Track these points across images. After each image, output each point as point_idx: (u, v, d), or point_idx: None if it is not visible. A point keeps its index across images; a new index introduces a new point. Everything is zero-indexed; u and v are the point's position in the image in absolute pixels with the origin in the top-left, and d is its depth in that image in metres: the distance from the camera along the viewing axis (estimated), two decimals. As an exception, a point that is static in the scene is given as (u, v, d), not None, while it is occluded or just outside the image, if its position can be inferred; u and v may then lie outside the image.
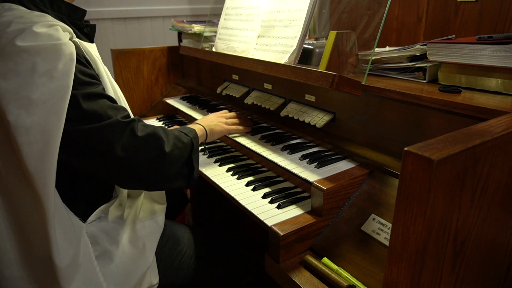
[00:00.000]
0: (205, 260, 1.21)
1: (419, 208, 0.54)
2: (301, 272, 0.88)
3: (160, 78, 2.05)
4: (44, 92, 0.76)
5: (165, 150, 0.94)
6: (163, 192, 1.17)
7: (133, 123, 0.89)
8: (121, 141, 0.86)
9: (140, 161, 0.89)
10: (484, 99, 0.88)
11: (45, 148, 0.77)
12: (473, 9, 1.32)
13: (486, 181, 0.63)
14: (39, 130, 0.76)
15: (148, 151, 0.91)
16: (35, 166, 0.77)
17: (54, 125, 0.76)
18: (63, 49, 0.79)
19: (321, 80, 1.02)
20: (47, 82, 0.76)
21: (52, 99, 0.76)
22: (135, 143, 0.88)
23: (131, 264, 0.98)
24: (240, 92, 1.54)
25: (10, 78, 0.75)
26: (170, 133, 0.99)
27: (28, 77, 0.75)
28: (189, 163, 1.02)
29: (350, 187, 0.99)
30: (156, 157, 0.92)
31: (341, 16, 1.55)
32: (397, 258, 0.58)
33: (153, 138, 0.92)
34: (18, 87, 0.75)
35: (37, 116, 0.75)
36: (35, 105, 0.75)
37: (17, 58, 0.75)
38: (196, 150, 1.05)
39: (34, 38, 0.77)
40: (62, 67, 0.77)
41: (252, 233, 1.69)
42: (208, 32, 1.83)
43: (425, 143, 0.55)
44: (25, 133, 0.75)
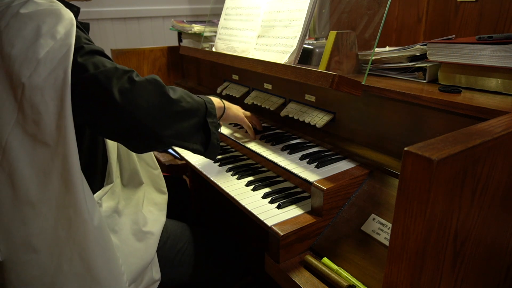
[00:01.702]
0: (205, 258, 1.21)
1: (419, 208, 0.54)
2: (301, 272, 0.88)
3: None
4: (50, 52, 0.79)
5: (169, 96, 0.91)
6: (163, 182, 1.17)
7: (132, 72, 0.89)
8: (118, 85, 0.85)
9: (142, 107, 0.86)
10: (484, 99, 0.88)
11: (61, 104, 0.79)
12: (473, 9, 1.32)
13: (486, 181, 0.63)
14: (52, 87, 0.79)
15: (149, 95, 0.88)
16: (55, 123, 0.79)
17: (63, 80, 0.79)
18: (63, 13, 0.83)
19: (321, 80, 1.02)
20: (51, 42, 0.80)
21: (58, 57, 0.79)
22: (133, 88, 0.86)
23: (133, 256, 0.98)
24: (240, 92, 1.54)
25: (17, 43, 0.79)
26: (177, 88, 0.98)
27: (33, 39, 0.79)
28: (205, 126, 0.99)
29: (350, 187, 0.99)
30: (161, 102, 0.89)
31: (341, 16, 1.55)
32: (397, 258, 0.58)
33: (154, 83, 0.90)
34: (26, 50, 0.78)
35: (47, 74, 0.79)
36: (43, 64, 0.78)
37: (21, 24, 0.79)
38: (211, 114, 1.01)
39: (36, 5, 0.81)
40: (63, 30, 0.81)
41: (252, 233, 1.69)
42: (208, 32, 1.83)
43: (425, 143, 0.55)
44: (40, 92, 0.78)
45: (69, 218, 0.83)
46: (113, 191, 1.03)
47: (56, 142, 0.80)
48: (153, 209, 1.11)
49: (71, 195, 0.82)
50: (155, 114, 0.88)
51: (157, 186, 1.17)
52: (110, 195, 1.02)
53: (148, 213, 1.08)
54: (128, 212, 1.04)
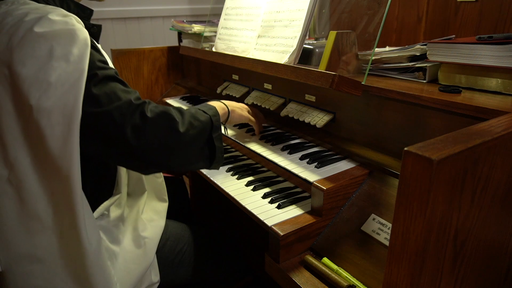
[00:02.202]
0: (205, 259, 1.21)
1: (419, 208, 0.54)
2: (301, 272, 0.88)
3: (160, 78, 2.05)
4: (62, 75, 0.78)
5: (179, 130, 0.91)
6: (165, 191, 1.17)
7: (143, 105, 0.88)
8: (131, 122, 0.85)
9: (152, 144, 0.87)
10: (484, 99, 0.88)
11: (67, 130, 0.78)
12: (473, 9, 1.32)
13: (486, 181, 0.63)
14: (60, 111, 0.78)
15: (160, 132, 0.88)
16: (59, 148, 0.78)
17: (73, 106, 0.78)
18: (77, 34, 0.81)
19: (321, 80, 1.02)
20: (64, 65, 0.78)
21: (69, 81, 0.78)
22: (145, 125, 0.86)
23: (133, 262, 0.98)
24: (240, 92, 1.54)
25: (29, 64, 0.77)
26: (185, 112, 0.97)
27: (46, 61, 0.78)
28: (210, 142, 1.00)
29: (350, 187, 0.99)
30: (169, 138, 0.90)
31: (341, 16, 1.55)
32: (397, 258, 0.58)
33: (165, 118, 0.90)
34: (37, 71, 0.77)
35: (57, 98, 0.77)
36: (54, 88, 0.77)
37: (34, 44, 0.78)
38: (216, 128, 1.01)
39: (51, 24, 0.80)
40: (77, 51, 0.80)
41: (252, 233, 1.69)
42: (208, 32, 1.83)
43: (425, 143, 0.55)
44: (47, 115, 0.77)
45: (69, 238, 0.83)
46: (120, 200, 1.04)
47: (59, 166, 0.79)
48: (153, 215, 1.10)
49: (72, 218, 0.81)
50: (165, 151, 0.90)
51: (159, 194, 1.16)
52: (117, 204, 1.03)
53: (148, 220, 1.08)
54: (130, 219, 1.05)
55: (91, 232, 0.84)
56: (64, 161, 0.79)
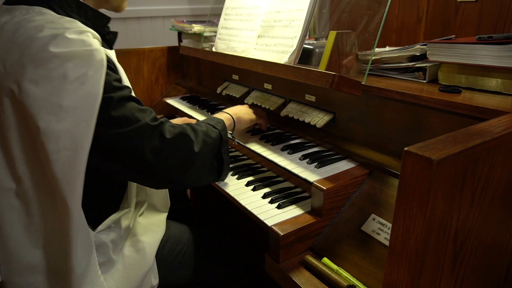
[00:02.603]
0: (205, 260, 1.21)
1: (419, 208, 0.54)
2: (301, 272, 0.88)
3: (160, 78, 2.05)
4: (75, 99, 0.75)
5: (194, 151, 0.93)
6: (167, 197, 1.17)
7: (161, 125, 0.89)
8: (150, 145, 0.85)
9: (170, 164, 0.89)
10: (484, 99, 0.88)
11: (74, 156, 0.76)
12: (473, 9, 1.32)
13: (486, 181, 0.63)
14: (69, 137, 0.75)
15: (177, 153, 0.90)
16: (63, 173, 0.76)
17: (84, 132, 0.76)
18: (94, 55, 0.79)
19: (321, 80, 1.02)
20: (78, 89, 0.76)
21: (82, 106, 0.76)
22: (164, 146, 0.87)
23: (131, 268, 0.98)
24: (240, 92, 1.54)
25: (42, 84, 0.74)
26: (198, 130, 0.98)
27: (60, 83, 0.75)
28: (219, 156, 1.02)
29: (350, 187, 0.99)
30: (186, 158, 0.92)
31: (341, 16, 1.55)
32: (397, 258, 0.58)
33: (182, 139, 0.92)
34: (49, 94, 0.75)
35: (67, 122, 0.75)
36: (65, 112, 0.75)
37: (49, 64, 0.75)
38: (225, 142, 1.04)
39: (67, 44, 0.77)
40: (93, 74, 0.77)
41: (252, 233, 1.69)
42: (208, 32, 1.83)
43: (425, 143, 0.55)
44: (55, 140, 0.75)
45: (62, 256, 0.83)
46: (129, 213, 1.03)
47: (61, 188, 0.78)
48: (153, 220, 1.10)
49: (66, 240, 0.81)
50: (181, 170, 0.92)
51: (161, 202, 1.16)
52: (126, 216, 1.02)
53: (148, 225, 1.07)
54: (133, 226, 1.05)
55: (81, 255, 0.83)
56: (68, 185, 0.77)
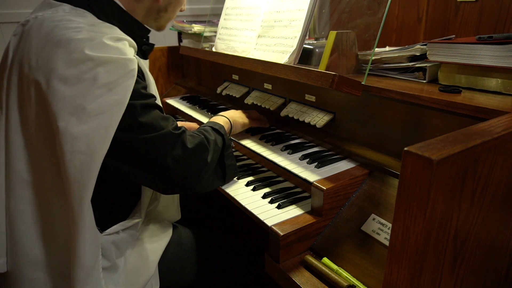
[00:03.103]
0: (207, 265, 1.21)
1: (419, 208, 0.54)
2: (301, 272, 0.88)
3: (160, 78, 2.05)
4: (100, 104, 0.76)
5: (207, 160, 0.96)
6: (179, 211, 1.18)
7: (183, 134, 0.91)
8: (173, 152, 0.87)
9: (186, 172, 0.91)
10: (484, 99, 0.88)
11: (88, 160, 0.76)
12: (473, 9, 1.32)
13: (486, 181, 0.63)
14: (86, 141, 0.76)
15: (195, 162, 0.93)
16: (75, 176, 0.77)
17: (102, 138, 0.76)
18: (127, 64, 0.79)
19: (321, 80, 1.02)
20: (105, 95, 0.76)
21: (106, 112, 0.76)
22: (185, 156, 0.90)
23: (134, 274, 0.97)
24: (240, 92, 1.54)
25: (71, 84, 0.75)
26: (210, 140, 1.00)
27: (88, 86, 0.75)
28: (221, 161, 1.04)
29: (350, 187, 0.99)
30: (200, 167, 0.95)
31: (341, 16, 1.55)
32: (397, 258, 0.58)
33: (201, 149, 0.95)
34: (76, 94, 0.75)
35: (87, 126, 0.75)
36: (87, 115, 0.75)
37: (81, 65, 0.76)
38: (227, 147, 1.06)
39: (103, 49, 0.77)
40: (122, 82, 0.78)
41: (252, 233, 1.69)
42: (208, 32, 1.83)
43: (425, 143, 0.55)
44: (71, 141, 0.75)
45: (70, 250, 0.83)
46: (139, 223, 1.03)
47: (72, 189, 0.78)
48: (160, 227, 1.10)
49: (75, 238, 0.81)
50: (195, 178, 0.94)
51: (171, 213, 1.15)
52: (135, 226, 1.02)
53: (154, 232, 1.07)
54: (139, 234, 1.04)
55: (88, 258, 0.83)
56: (77, 188, 0.78)
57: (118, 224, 0.97)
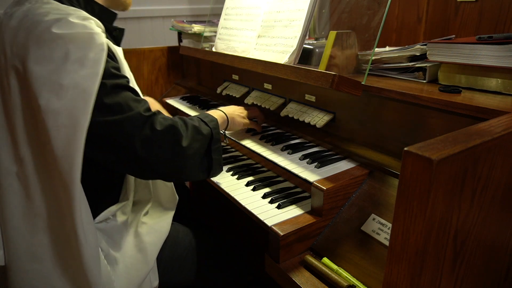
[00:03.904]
0: (207, 264, 1.20)
1: (419, 208, 0.54)
2: (301, 272, 0.88)
3: (160, 78, 2.05)
4: (75, 78, 0.78)
5: (182, 145, 0.94)
6: (174, 192, 1.17)
7: (153, 116, 0.90)
8: (141, 135, 0.87)
9: (157, 156, 0.90)
10: (484, 99, 0.88)
11: (73, 133, 0.78)
12: (473, 9, 1.32)
13: (486, 181, 0.63)
14: (68, 114, 0.78)
15: (165, 145, 0.91)
16: (62, 150, 0.78)
17: (82, 110, 0.78)
18: (95, 38, 0.82)
19: (321, 80, 1.02)
20: (78, 69, 0.79)
21: (82, 85, 0.78)
22: (153, 138, 0.89)
23: (134, 268, 0.97)
24: (240, 92, 1.54)
25: (44, 64, 0.78)
26: (189, 124, 0.99)
27: (61, 63, 0.78)
28: (208, 154, 1.02)
29: (350, 187, 0.99)
30: (173, 152, 0.93)
31: (341, 16, 1.55)
32: (397, 258, 0.58)
33: (172, 132, 0.93)
34: (51, 73, 0.78)
35: (66, 100, 0.78)
36: (65, 90, 0.78)
37: (52, 44, 0.78)
38: (216, 141, 1.03)
39: (69, 27, 0.80)
40: (93, 56, 0.80)
41: (252, 233, 1.69)
42: (208, 32, 1.83)
43: (425, 143, 0.55)
44: (54, 117, 0.77)
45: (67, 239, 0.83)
46: (126, 207, 1.04)
47: (61, 166, 0.79)
48: (158, 221, 1.09)
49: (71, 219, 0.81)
50: (169, 163, 0.92)
51: (167, 201, 1.15)
52: (123, 211, 1.02)
53: (152, 225, 1.07)
54: (133, 224, 1.04)
55: (89, 234, 0.84)
56: (66, 162, 0.79)
57: (107, 210, 0.97)
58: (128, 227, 1.02)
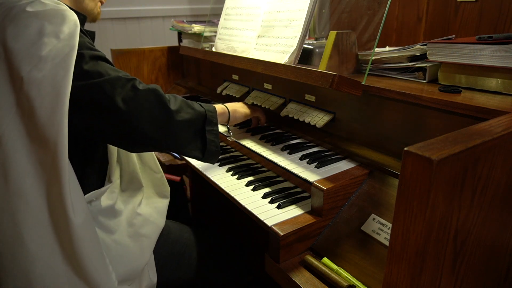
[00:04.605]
0: (207, 264, 1.21)
1: (419, 208, 0.54)
2: (301, 272, 0.88)
3: (160, 78, 2.05)
4: (52, 50, 0.81)
5: (169, 107, 0.94)
6: (166, 187, 1.17)
7: (134, 80, 0.92)
8: (122, 94, 0.88)
9: (143, 116, 0.90)
10: (484, 99, 0.88)
11: (56, 100, 0.80)
12: (473, 9, 1.32)
13: (486, 181, 0.63)
14: (49, 83, 0.80)
15: (151, 106, 0.91)
16: (48, 118, 0.80)
17: (63, 78, 0.81)
18: (68, 15, 0.85)
19: (321, 80, 1.02)
20: (54, 42, 0.81)
21: (59, 56, 0.81)
22: (136, 96, 0.89)
23: (127, 257, 0.97)
24: (240, 92, 1.54)
25: (21, 40, 0.81)
26: (178, 97, 1.00)
27: (37, 37, 0.81)
28: (202, 134, 1.02)
29: (350, 187, 0.99)
30: (160, 113, 0.92)
31: (341, 16, 1.55)
32: (397, 258, 0.58)
33: (155, 93, 0.93)
34: (29, 47, 0.80)
35: (47, 71, 0.80)
36: (44, 61, 0.80)
37: (27, 21, 0.82)
38: (211, 123, 1.03)
39: (42, 5, 0.84)
40: (67, 30, 0.83)
41: (252, 233, 1.70)
42: (208, 32, 1.83)
43: (425, 143, 0.55)
44: (37, 86, 0.80)
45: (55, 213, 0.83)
46: (112, 191, 1.03)
47: (47, 136, 0.80)
48: (152, 212, 1.10)
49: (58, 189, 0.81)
50: (155, 123, 0.92)
51: (159, 190, 1.16)
52: (108, 195, 1.02)
53: (146, 216, 1.07)
54: (125, 213, 1.04)
55: (77, 203, 0.83)
56: (52, 129, 0.80)
57: (91, 192, 0.96)
58: (118, 216, 1.01)
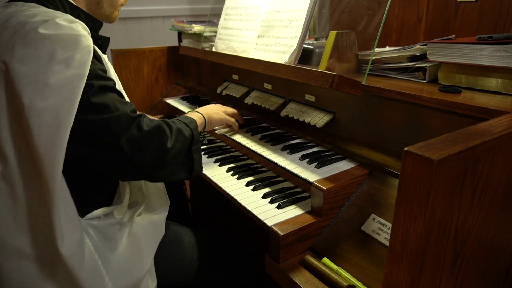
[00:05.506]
0: (207, 264, 1.20)
1: (419, 208, 0.54)
2: (301, 272, 0.88)
3: (160, 78, 2.05)
4: (61, 79, 0.78)
5: (167, 146, 0.95)
6: (166, 196, 1.17)
7: (139, 118, 0.92)
8: (127, 134, 0.88)
9: (143, 156, 0.91)
10: (484, 99, 0.88)
11: (56, 132, 0.79)
12: (473, 9, 1.32)
13: (486, 181, 0.63)
14: (52, 114, 0.78)
15: (151, 146, 0.92)
16: (45, 149, 0.79)
17: (67, 110, 0.79)
18: (82, 40, 0.82)
19: (321, 80, 1.02)
20: (64, 70, 0.79)
21: (67, 86, 0.79)
22: (140, 137, 0.90)
23: (128, 267, 0.97)
24: (240, 92, 1.54)
25: (29, 63, 0.78)
26: (173, 126, 1.01)
27: (47, 63, 0.78)
28: (189, 154, 1.04)
29: (350, 187, 0.99)
30: (158, 152, 0.94)
31: (341, 16, 1.55)
32: (397, 258, 0.58)
33: (158, 132, 0.94)
34: (36, 72, 0.78)
35: (51, 100, 0.78)
36: (50, 90, 0.78)
37: (38, 44, 0.78)
38: (196, 142, 1.06)
39: (56, 28, 0.81)
40: (79, 57, 0.81)
41: (252, 233, 1.69)
42: (208, 32, 1.83)
43: (425, 143, 0.55)
44: (38, 116, 0.78)
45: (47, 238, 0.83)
46: (121, 209, 1.04)
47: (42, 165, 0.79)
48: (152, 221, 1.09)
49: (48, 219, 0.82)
50: (153, 163, 0.94)
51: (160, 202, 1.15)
52: (117, 211, 1.03)
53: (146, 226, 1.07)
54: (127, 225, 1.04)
55: (67, 235, 0.83)
56: (49, 160, 0.79)
57: (99, 209, 0.98)
58: (122, 227, 1.02)
